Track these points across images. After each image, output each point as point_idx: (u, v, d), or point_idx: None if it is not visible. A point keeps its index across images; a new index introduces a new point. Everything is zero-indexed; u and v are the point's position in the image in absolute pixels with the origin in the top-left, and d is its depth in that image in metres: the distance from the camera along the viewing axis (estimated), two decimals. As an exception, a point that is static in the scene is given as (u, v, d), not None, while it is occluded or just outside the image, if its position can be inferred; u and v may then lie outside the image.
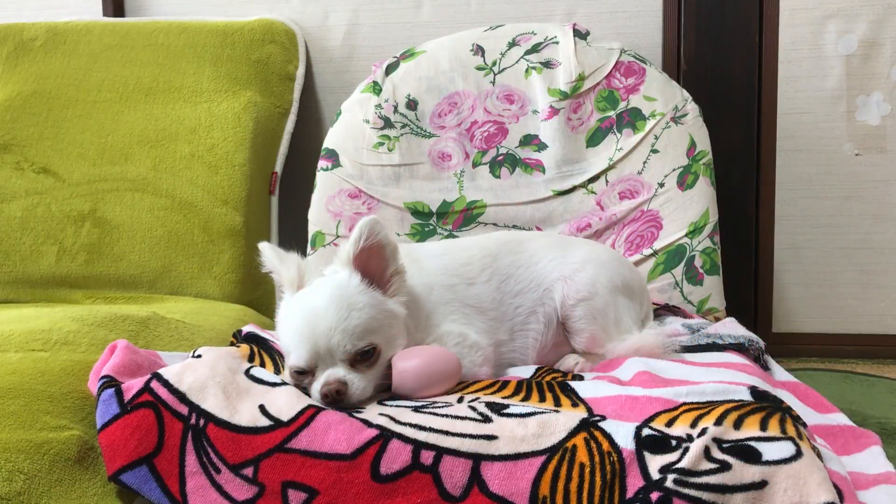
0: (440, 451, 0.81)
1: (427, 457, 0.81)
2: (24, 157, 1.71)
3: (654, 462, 0.78)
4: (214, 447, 0.85)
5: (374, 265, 1.01)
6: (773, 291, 1.82)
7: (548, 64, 1.61)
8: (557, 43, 1.62)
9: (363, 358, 0.95)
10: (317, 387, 0.93)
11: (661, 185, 1.54)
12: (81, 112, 1.74)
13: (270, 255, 1.04)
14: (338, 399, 0.91)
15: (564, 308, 1.17)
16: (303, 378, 0.96)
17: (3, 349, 1.06)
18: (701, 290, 1.51)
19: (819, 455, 0.82)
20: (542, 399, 0.92)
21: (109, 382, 0.91)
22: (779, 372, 1.24)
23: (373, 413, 0.88)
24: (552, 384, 0.96)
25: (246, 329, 1.20)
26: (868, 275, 1.79)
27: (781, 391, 1.05)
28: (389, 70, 1.66)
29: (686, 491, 0.74)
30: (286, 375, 0.98)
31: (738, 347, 1.16)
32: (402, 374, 0.95)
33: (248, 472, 0.83)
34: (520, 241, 1.25)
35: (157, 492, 0.85)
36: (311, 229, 1.61)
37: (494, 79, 1.63)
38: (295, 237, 1.59)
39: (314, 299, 0.97)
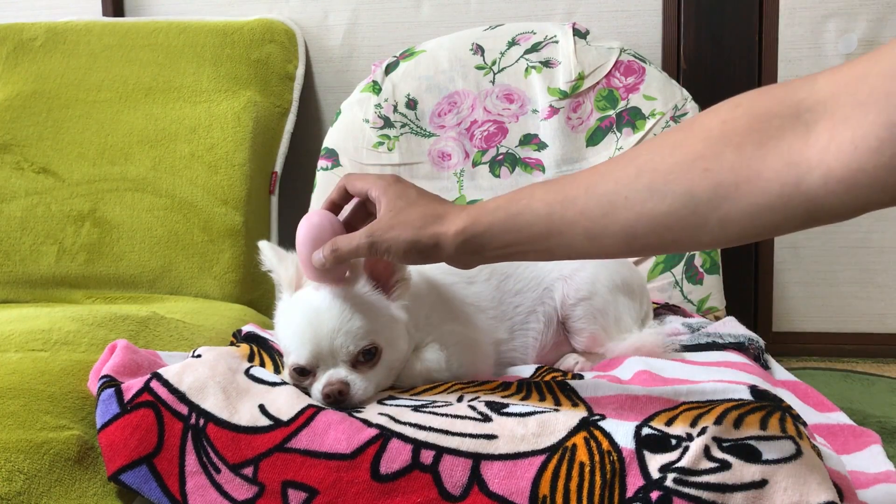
0: (440, 451, 0.81)
1: (427, 456, 0.81)
2: (24, 157, 1.71)
3: (654, 461, 0.78)
4: (214, 447, 0.85)
5: (382, 269, 1.01)
6: (773, 291, 1.82)
7: (547, 63, 1.61)
8: (557, 42, 1.62)
9: (365, 359, 0.94)
10: (318, 387, 0.93)
11: (661, 184, 1.54)
12: (81, 112, 1.74)
13: (270, 253, 1.03)
14: (339, 400, 0.91)
15: (564, 308, 1.17)
16: (303, 378, 0.96)
17: (3, 349, 1.06)
18: (701, 289, 1.51)
19: (819, 454, 0.82)
20: (542, 398, 0.92)
21: (109, 382, 0.91)
22: (779, 371, 1.24)
23: (372, 412, 0.88)
24: (551, 384, 0.96)
25: (246, 329, 1.20)
26: (868, 274, 1.79)
27: (781, 390, 1.05)
28: (389, 69, 1.66)
29: (686, 490, 0.74)
30: (286, 375, 0.98)
31: (738, 346, 1.16)
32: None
33: (248, 471, 0.83)
34: None
35: (157, 491, 0.85)
36: (311, 229, 1.61)
37: (494, 78, 1.63)
38: (295, 237, 1.59)
39: (316, 300, 0.96)
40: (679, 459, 0.77)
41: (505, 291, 1.15)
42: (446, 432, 0.83)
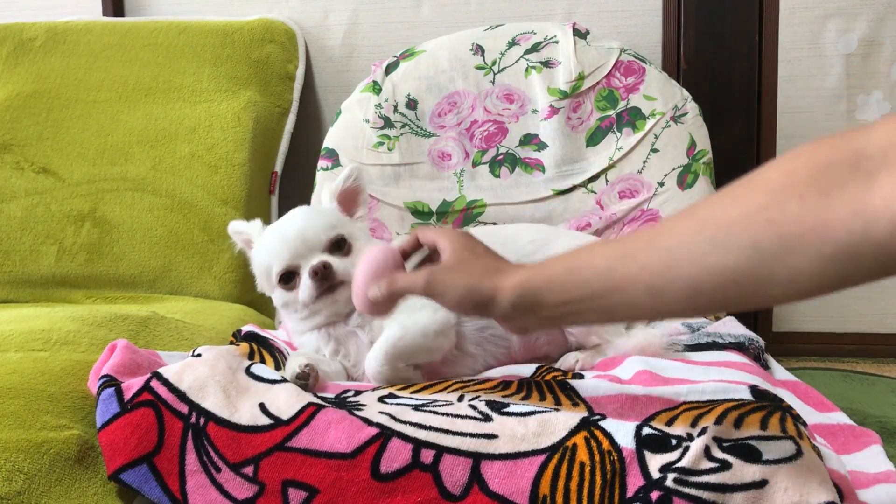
0: (440, 450, 0.81)
1: (427, 455, 0.81)
2: (24, 157, 1.71)
3: (655, 461, 0.78)
4: (215, 446, 0.85)
5: (349, 204, 1.15)
6: (773, 290, 1.82)
7: (547, 63, 1.61)
8: (557, 42, 1.62)
9: (336, 248, 1.08)
10: (305, 278, 1.04)
11: (661, 184, 1.54)
12: (81, 112, 1.74)
13: (238, 226, 1.17)
14: (325, 275, 1.04)
15: None
16: (290, 285, 1.07)
17: (3, 349, 1.06)
18: (701, 289, 1.51)
19: (819, 454, 0.82)
20: (543, 398, 0.92)
21: (109, 382, 0.91)
22: (779, 371, 1.24)
23: (373, 411, 0.88)
24: (552, 383, 0.96)
25: (246, 329, 1.21)
26: (868, 274, 1.79)
27: (782, 390, 1.05)
28: (389, 69, 1.66)
29: (686, 490, 0.74)
30: (287, 373, 0.99)
31: (739, 346, 1.15)
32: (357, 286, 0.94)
33: (249, 470, 0.83)
34: (497, 227, 1.33)
35: (158, 491, 0.85)
36: (311, 229, 1.61)
37: (494, 78, 1.63)
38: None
39: (286, 217, 1.13)
40: (679, 459, 0.77)
41: None
42: (447, 432, 0.83)
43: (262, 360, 1.04)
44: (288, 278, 1.07)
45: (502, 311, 0.79)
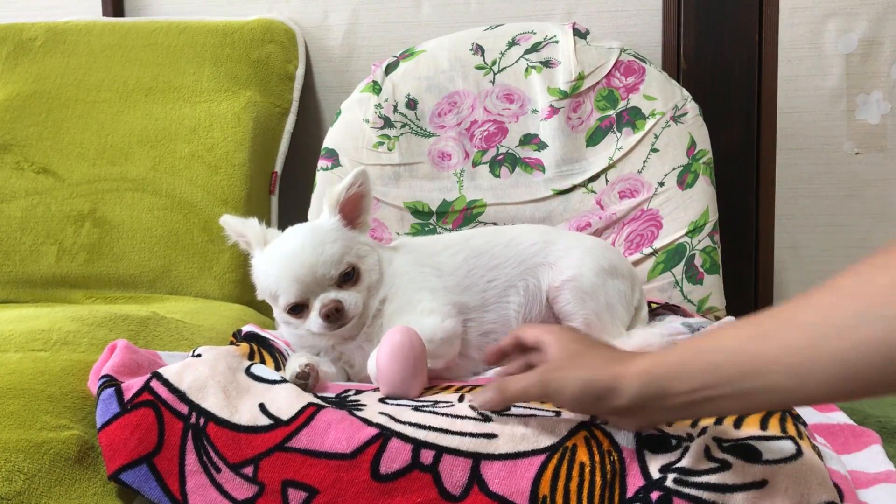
0: (440, 450, 0.81)
1: (427, 456, 0.81)
2: (24, 157, 1.71)
3: (655, 461, 0.78)
4: (215, 446, 0.85)
5: (353, 210, 1.11)
6: (773, 291, 1.82)
7: (547, 63, 1.61)
8: (557, 42, 1.62)
9: (346, 279, 1.06)
10: (315, 315, 1.03)
11: (661, 184, 1.54)
12: (81, 112, 1.74)
13: (233, 222, 1.15)
14: (337, 317, 1.03)
15: (551, 291, 1.16)
16: (299, 315, 1.05)
17: (3, 349, 1.06)
18: (701, 289, 1.51)
19: (819, 454, 0.82)
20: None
21: (109, 382, 0.91)
22: (779, 371, 1.23)
23: (373, 412, 0.88)
24: (552, 383, 0.96)
25: (246, 329, 1.20)
26: (868, 274, 1.79)
27: (781, 390, 1.05)
28: (389, 69, 1.66)
29: (686, 490, 0.74)
30: (287, 373, 0.99)
31: (739, 346, 1.15)
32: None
33: (248, 471, 0.83)
34: (499, 229, 1.33)
35: (158, 491, 0.85)
36: (311, 229, 1.61)
37: (494, 78, 1.63)
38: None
39: (290, 242, 1.07)
40: (679, 460, 0.77)
41: (475, 266, 1.16)
42: (446, 432, 0.83)
43: (262, 361, 1.04)
44: (296, 310, 1.06)
45: (628, 401, 0.74)
